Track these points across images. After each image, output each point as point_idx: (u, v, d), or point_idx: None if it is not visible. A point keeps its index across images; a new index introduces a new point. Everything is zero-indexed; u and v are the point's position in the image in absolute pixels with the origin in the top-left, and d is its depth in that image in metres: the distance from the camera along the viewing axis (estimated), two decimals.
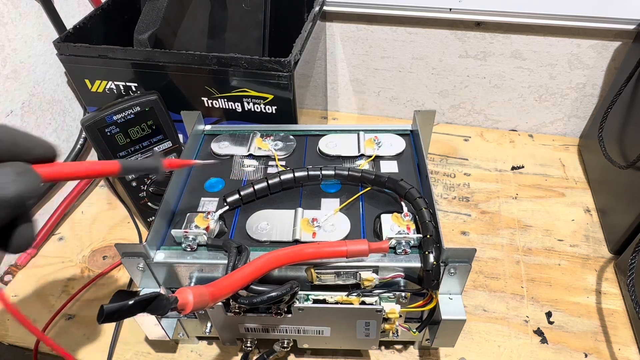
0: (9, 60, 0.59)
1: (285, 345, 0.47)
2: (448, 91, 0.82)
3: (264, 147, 0.55)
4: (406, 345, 0.52)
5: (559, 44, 0.70)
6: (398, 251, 0.42)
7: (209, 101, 0.62)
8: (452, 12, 0.70)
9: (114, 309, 0.24)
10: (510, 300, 0.57)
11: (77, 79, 0.63)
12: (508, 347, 0.52)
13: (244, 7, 0.69)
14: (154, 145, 0.59)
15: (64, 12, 0.65)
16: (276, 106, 0.59)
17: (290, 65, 0.55)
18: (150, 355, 0.53)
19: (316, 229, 0.44)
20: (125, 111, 0.55)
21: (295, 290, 0.39)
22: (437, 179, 0.74)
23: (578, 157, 0.77)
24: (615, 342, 0.53)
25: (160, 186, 0.61)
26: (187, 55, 0.57)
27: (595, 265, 0.61)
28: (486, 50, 0.74)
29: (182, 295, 0.29)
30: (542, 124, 0.82)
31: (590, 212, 0.68)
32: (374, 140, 0.55)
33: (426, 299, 0.43)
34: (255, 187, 0.48)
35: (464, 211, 0.68)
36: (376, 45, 0.78)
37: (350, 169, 0.49)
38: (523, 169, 0.75)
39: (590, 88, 0.75)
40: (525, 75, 0.76)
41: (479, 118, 0.84)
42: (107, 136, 0.55)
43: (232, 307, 0.43)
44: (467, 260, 0.40)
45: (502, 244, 0.64)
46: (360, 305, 0.42)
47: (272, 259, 0.37)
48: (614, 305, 0.56)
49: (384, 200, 0.48)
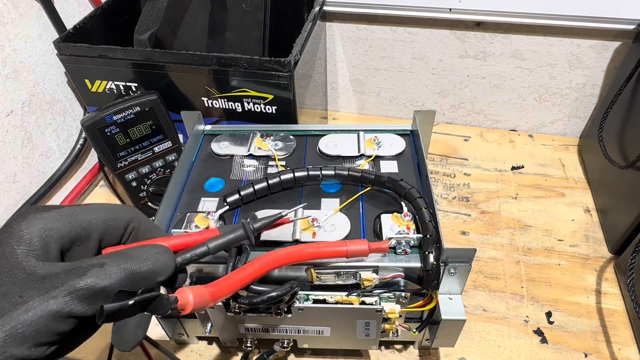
0: (9, 60, 0.59)
1: (285, 345, 0.47)
2: (448, 91, 0.82)
3: (264, 147, 0.55)
4: (406, 345, 0.52)
5: (559, 44, 0.70)
6: (398, 251, 0.42)
7: (209, 101, 0.62)
8: (452, 12, 0.70)
9: (114, 308, 0.24)
10: (510, 300, 0.57)
11: (77, 79, 0.63)
12: (508, 347, 0.52)
13: (244, 7, 0.69)
14: (154, 145, 0.59)
15: (64, 12, 0.65)
16: (276, 106, 0.59)
17: (290, 65, 0.55)
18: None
19: (316, 229, 0.44)
20: (125, 111, 0.55)
21: (295, 290, 0.39)
22: (437, 179, 0.74)
23: (578, 157, 0.77)
24: (615, 342, 0.53)
25: (160, 186, 0.62)
26: (187, 55, 0.57)
27: (595, 265, 0.61)
28: (486, 50, 0.74)
29: (182, 295, 0.28)
30: (542, 124, 0.82)
31: (590, 212, 0.68)
32: (374, 140, 0.55)
33: (426, 299, 0.43)
34: (255, 187, 0.48)
35: (464, 211, 0.68)
36: (376, 45, 0.78)
37: (350, 169, 0.49)
38: (523, 169, 0.75)
39: (590, 88, 0.75)
40: (525, 75, 0.76)
41: (479, 118, 0.84)
42: (107, 136, 0.55)
43: (232, 307, 0.43)
44: (467, 260, 0.40)
45: (502, 244, 0.64)
46: (360, 305, 0.42)
47: (272, 259, 0.37)
48: (614, 305, 0.56)
49: (384, 200, 0.48)
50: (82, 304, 0.23)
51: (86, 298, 0.23)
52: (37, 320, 0.22)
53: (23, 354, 0.22)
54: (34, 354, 0.22)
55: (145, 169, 0.60)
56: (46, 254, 0.24)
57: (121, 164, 0.58)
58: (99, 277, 0.24)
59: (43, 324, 0.22)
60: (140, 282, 0.26)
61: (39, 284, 0.23)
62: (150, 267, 0.26)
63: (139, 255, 0.26)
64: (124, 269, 0.25)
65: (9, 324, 0.21)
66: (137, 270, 0.25)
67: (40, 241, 0.24)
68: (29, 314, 0.22)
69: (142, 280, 0.26)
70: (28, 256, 0.24)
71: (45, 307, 0.22)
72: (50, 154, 0.67)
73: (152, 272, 0.26)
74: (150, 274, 0.26)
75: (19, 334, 0.22)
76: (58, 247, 0.25)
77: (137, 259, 0.26)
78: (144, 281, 0.26)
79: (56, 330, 0.23)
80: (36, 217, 0.25)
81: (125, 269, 0.25)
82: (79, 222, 0.26)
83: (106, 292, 0.24)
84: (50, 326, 0.22)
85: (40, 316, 0.22)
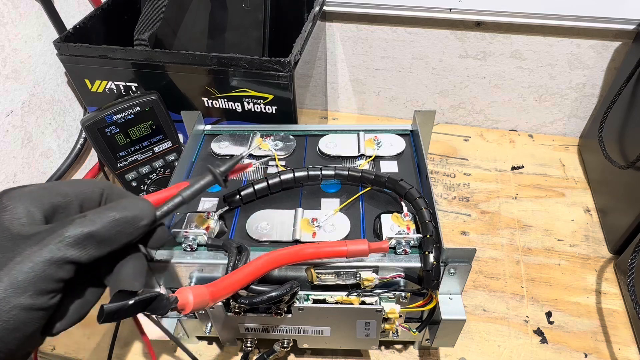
0: (9, 60, 0.59)
1: (285, 345, 0.47)
2: (448, 91, 0.82)
3: (264, 147, 0.55)
4: (406, 345, 0.52)
5: (559, 44, 0.70)
6: (398, 251, 0.42)
7: (209, 101, 0.62)
8: (452, 12, 0.70)
9: (114, 308, 0.24)
10: (510, 300, 0.57)
11: (77, 79, 0.63)
12: (508, 347, 0.52)
13: (244, 7, 0.69)
14: (154, 145, 0.59)
15: (64, 12, 0.65)
16: (276, 106, 0.59)
17: (290, 65, 0.55)
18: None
19: (316, 229, 0.44)
20: (125, 111, 0.55)
21: (295, 290, 0.39)
22: (437, 179, 0.74)
23: (578, 157, 0.77)
24: (615, 342, 0.53)
25: (160, 186, 0.62)
26: (187, 55, 0.57)
27: (595, 265, 0.61)
28: (486, 50, 0.74)
29: (182, 295, 0.29)
30: (542, 124, 0.82)
31: (590, 212, 0.68)
32: (374, 140, 0.55)
33: (426, 299, 0.43)
34: (255, 187, 0.48)
35: (464, 211, 0.68)
36: (376, 45, 0.78)
37: (350, 169, 0.48)
38: (523, 169, 0.75)
39: (590, 88, 0.75)
40: (525, 75, 0.76)
41: (479, 118, 0.84)
42: (107, 136, 0.55)
43: (232, 307, 0.43)
44: (467, 260, 0.40)
45: (502, 244, 0.64)
46: (360, 305, 0.42)
47: (272, 259, 0.37)
48: (614, 305, 0.56)
49: (384, 200, 0.48)
50: (74, 249, 0.25)
51: (76, 244, 0.25)
52: (34, 267, 0.23)
53: (27, 302, 0.23)
54: (37, 302, 0.23)
55: (145, 169, 0.60)
56: (31, 220, 0.26)
57: (121, 164, 0.58)
58: (83, 224, 0.25)
59: (40, 270, 0.23)
60: (125, 226, 0.27)
61: (29, 240, 0.24)
62: (132, 212, 0.28)
63: (119, 205, 0.28)
64: (107, 215, 0.27)
65: (7, 275, 0.23)
66: (119, 215, 0.27)
67: (23, 209, 0.26)
68: (25, 263, 0.23)
69: (126, 225, 0.27)
70: (13, 222, 0.25)
71: (40, 254, 0.24)
72: (50, 154, 0.67)
73: (135, 217, 0.28)
74: (133, 218, 0.28)
75: (19, 283, 0.23)
76: (41, 213, 0.27)
77: (117, 208, 0.28)
78: (128, 225, 0.27)
79: (55, 277, 0.24)
80: (15, 191, 0.27)
81: (107, 215, 0.27)
82: (57, 191, 0.28)
83: (94, 236, 0.26)
84: (48, 272, 0.24)
85: (35, 263, 0.23)
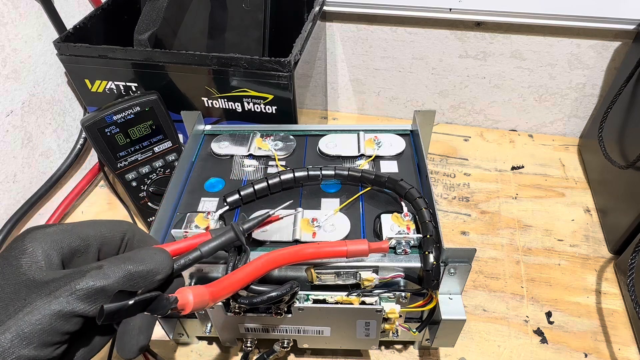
0: (9, 60, 0.59)
1: (285, 345, 0.47)
2: (448, 91, 0.82)
3: (264, 147, 0.55)
4: (406, 345, 0.52)
5: (559, 44, 0.70)
6: (398, 251, 0.42)
7: (209, 101, 0.62)
8: (452, 12, 0.70)
9: (114, 309, 0.24)
10: (510, 300, 0.57)
11: (77, 79, 0.63)
12: (508, 347, 0.52)
13: (244, 7, 0.69)
14: (154, 145, 0.59)
15: (64, 12, 0.65)
16: (276, 106, 0.59)
17: (290, 65, 0.55)
18: None
19: (316, 229, 0.44)
20: (125, 111, 0.55)
21: (295, 290, 0.39)
22: (437, 179, 0.74)
23: (578, 157, 0.77)
24: (615, 342, 0.53)
25: (160, 186, 0.62)
26: (187, 55, 0.57)
27: (595, 265, 0.61)
28: (486, 50, 0.74)
29: (182, 295, 0.28)
30: (542, 124, 0.82)
31: (590, 212, 0.68)
32: (374, 140, 0.55)
33: (426, 299, 0.43)
34: (255, 187, 0.48)
35: (464, 211, 0.68)
36: (376, 45, 0.78)
37: (350, 169, 0.49)
38: (523, 169, 0.75)
39: (590, 88, 0.75)
40: (525, 75, 0.76)
41: (479, 118, 0.84)
42: (107, 136, 0.55)
43: (232, 307, 0.43)
44: (467, 260, 0.40)
45: (502, 244, 0.64)
46: (360, 305, 0.42)
47: (272, 259, 0.37)
48: (614, 305, 0.56)
49: (384, 200, 0.48)
50: (84, 303, 0.24)
51: (87, 297, 0.24)
52: (41, 320, 0.23)
53: (31, 354, 0.23)
54: (41, 354, 0.23)
55: (145, 169, 0.60)
56: (49, 264, 0.26)
57: (121, 164, 0.58)
58: (97, 277, 0.25)
59: (47, 323, 0.23)
60: (139, 281, 0.27)
61: (42, 289, 0.24)
62: (148, 266, 0.27)
63: (136, 257, 0.28)
64: (122, 269, 0.26)
65: (15, 325, 0.23)
66: (134, 269, 0.27)
67: (42, 253, 0.26)
68: (33, 314, 0.23)
69: (140, 279, 0.27)
70: (31, 266, 0.25)
71: (49, 307, 0.23)
72: (50, 154, 0.67)
73: (150, 271, 0.27)
74: (148, 273, 0.27)
75: (25, 334, 0.23)
76: (59, 257, 0.27)
77: (134, 260, 0.27)
78: (142, 280, 0.27)
79: (61, 330, 0.24)
80: (37, 232, 0.27)
81: (123, 269, 0.26)
82: (77, 234, 0.28)
83: (106, 291, 0.25)
84: (55, 325, 0.23)
85: (43, 315, 0.23)
